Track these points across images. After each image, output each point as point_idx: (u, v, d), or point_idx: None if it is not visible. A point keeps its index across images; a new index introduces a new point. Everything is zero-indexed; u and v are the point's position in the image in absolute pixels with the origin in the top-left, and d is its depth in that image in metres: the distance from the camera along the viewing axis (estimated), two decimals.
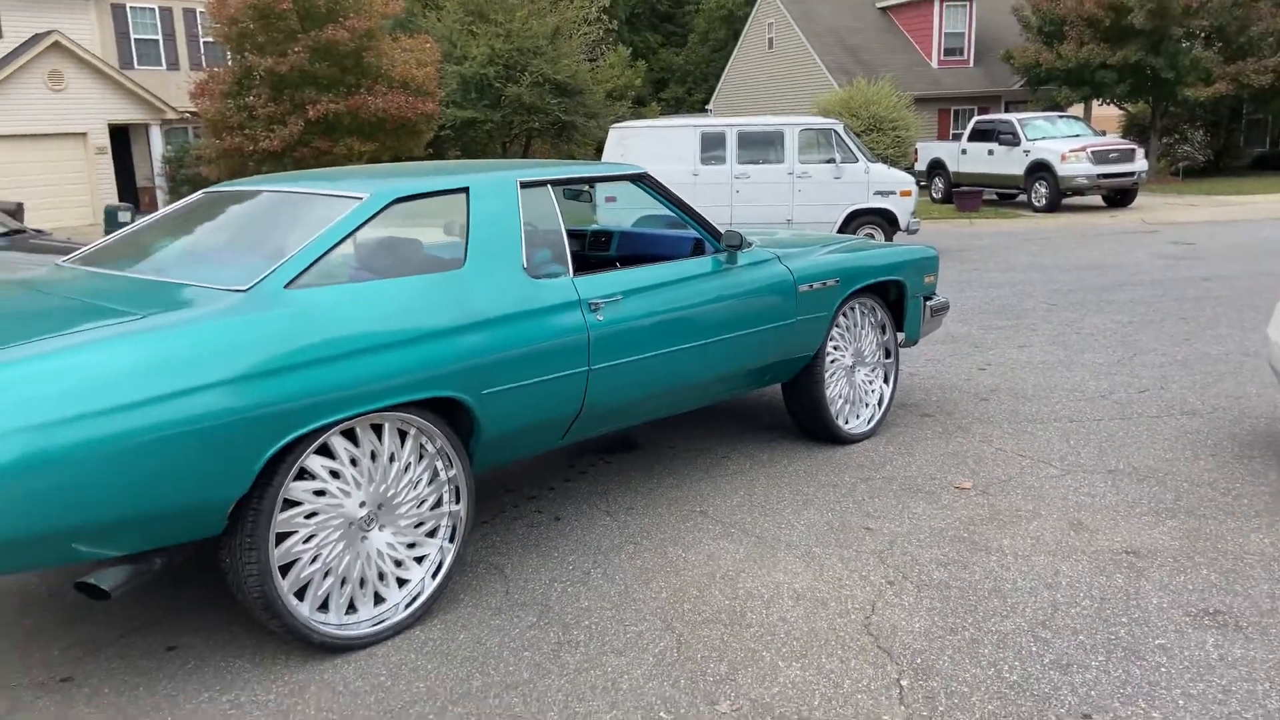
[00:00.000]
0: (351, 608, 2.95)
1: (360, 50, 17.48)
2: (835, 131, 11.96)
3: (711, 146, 11.94)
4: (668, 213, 4.18)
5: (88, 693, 2.74)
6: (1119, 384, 5.84)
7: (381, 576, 3.01)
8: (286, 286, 2.79)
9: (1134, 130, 25.05)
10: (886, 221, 12.17)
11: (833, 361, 4.69)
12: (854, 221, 12.11)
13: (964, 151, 20.34)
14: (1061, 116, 20.12)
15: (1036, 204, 18.36)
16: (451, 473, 3.14)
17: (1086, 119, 22.90)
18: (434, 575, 3.13)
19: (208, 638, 3.02)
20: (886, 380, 5.06)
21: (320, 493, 2.81)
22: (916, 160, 21.84)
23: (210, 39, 20.42)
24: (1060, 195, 17.93)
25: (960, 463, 4.52)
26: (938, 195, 21.22)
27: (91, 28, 21.84)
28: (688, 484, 4.30)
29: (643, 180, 3.96)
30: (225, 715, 2.62)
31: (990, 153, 19.47)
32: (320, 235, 2.94)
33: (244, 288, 2.76)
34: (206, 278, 2.89)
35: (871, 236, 12.23)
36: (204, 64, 22.05)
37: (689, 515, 3.95)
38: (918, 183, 22.39)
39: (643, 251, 4.62)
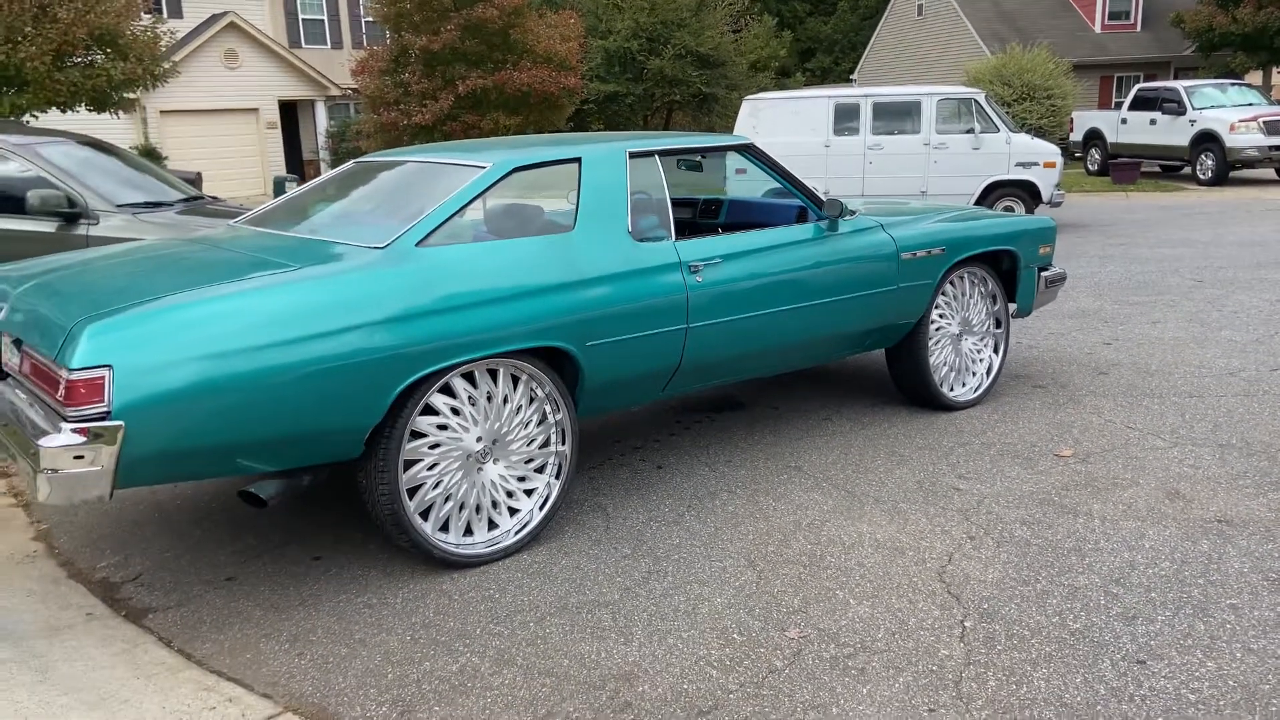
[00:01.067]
0: (468, 531, 3.33)
1: (508, 28, 18.11)
2: (976, 101, 11.72)
3: (845, 117, 11.90)
4: (781, 185, 4.37)
5: (248, 590, 3.22)
6: (1251, 362, 5.68)
7: (495, 505, 3.38)
8: (418, 245, 3.16)
9: None
10: (1028, 194, 11.85)
11: (937, 329, 4.79)
12: (994, 193, 11.85)
13: (1124, 121, 19.39)
14: (1233, 84, 18.90)
15: (1201, 177, 17.36)
16: (558, 416, 3.47)
17: (1265, 87, 21.39)
18: (541, 507, 3.48)
19: (346, 552, 3.47)
20: (996, 350, 5.12)
21: (443, 427, 3.19)
22: (1072, 130, 20.97)
23: (371, 19, 21.52)
24: (1228, 168, 16.90)
25: (1064, 432, 4.56)
26: (1093, 167, 20.32)
27: (263, 8, 23.37)
28: (785, 441, 4.52)
29: (748, 150, 4.18)
30: (359, 612, 3.04)
31: (1153, 122, 18.50)
32: (448, 200, 3.31)
33: (382, 245, 3.15)
34: (352, 236, 3.30)
35: (1011, 209, 11.96)
36: (365, 43, 23.27)
37: (784, 470, 4.17)
38: (1073, 154, 21.56)
39: (750, 219, 4.83)
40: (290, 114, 24.18)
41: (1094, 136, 20.25)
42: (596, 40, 30.29)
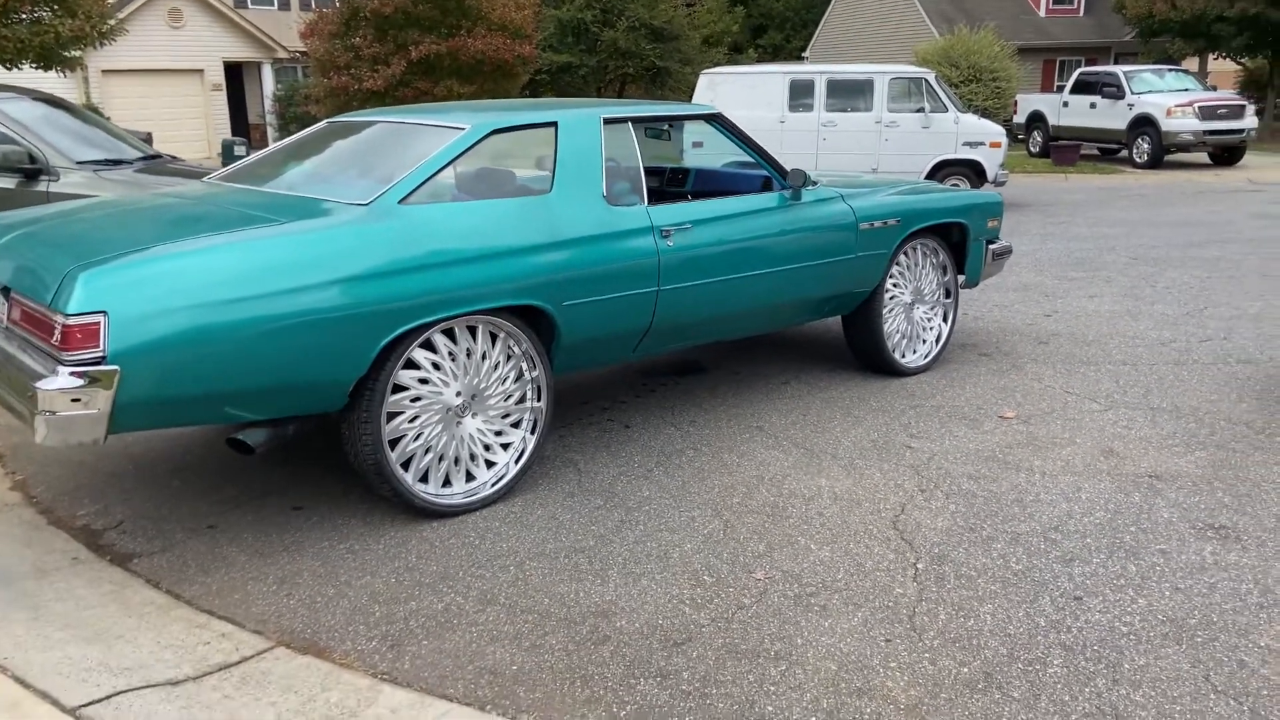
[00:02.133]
0: (447, 482, 3.45)
1: None
2: (926, 80, 11.97)
3: (800, 94, 12.08)
4: (745, 156, 4.52)
5: (231, 536, 3.31)
6: (1182, 334, 6.00)
7: (473, 458, 3.50)
8: (400, 202, 3.26)
9: (1251, 87, 24.02)
10: (974, 173, 12.17)
11: (891, 298, 5.00)
12: (941, 172, 12.14)
13: (1065, 104, 19.89)
14: (1170, 70, 19.49)
15: (1138, 160, 17.93)
16: (534, 373, 3.60)
17: (1200, 74, 22.06)
18: (517, 461, 3.61)
19: (326, 502, 3.57)
20: (945, 319, 5.35)
21: (424, 381, 3.30)
22: (1015, 112, 21.43)
23: None
24: (1164, 151, 17.48)
25: (1008, 396, 4.81)
26: (1035, 149, 20.81)
27: None
28: (747, 404, 4.70)
29: (716, 120, 4.32)
30: (343, 557, 3.16)
31: (1093, 106, 19.02)
32: (428, 159, 3.40)
33: (365, 202, 3.24)
34: (334, 194, 3.38)
35: (957, 187, 12.26)
36: (314, 5, 22.84)
37: (746, 429, 4.35)
38: (1015, 135, 22.03)
39: (715, 188, 4.98)
40: (236, 76, 23.71)
41: (1036, 119, 20.74)
42: (550, 9, 30.07)
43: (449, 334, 3.34)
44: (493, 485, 3.55)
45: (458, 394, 3.40)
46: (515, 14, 18.56)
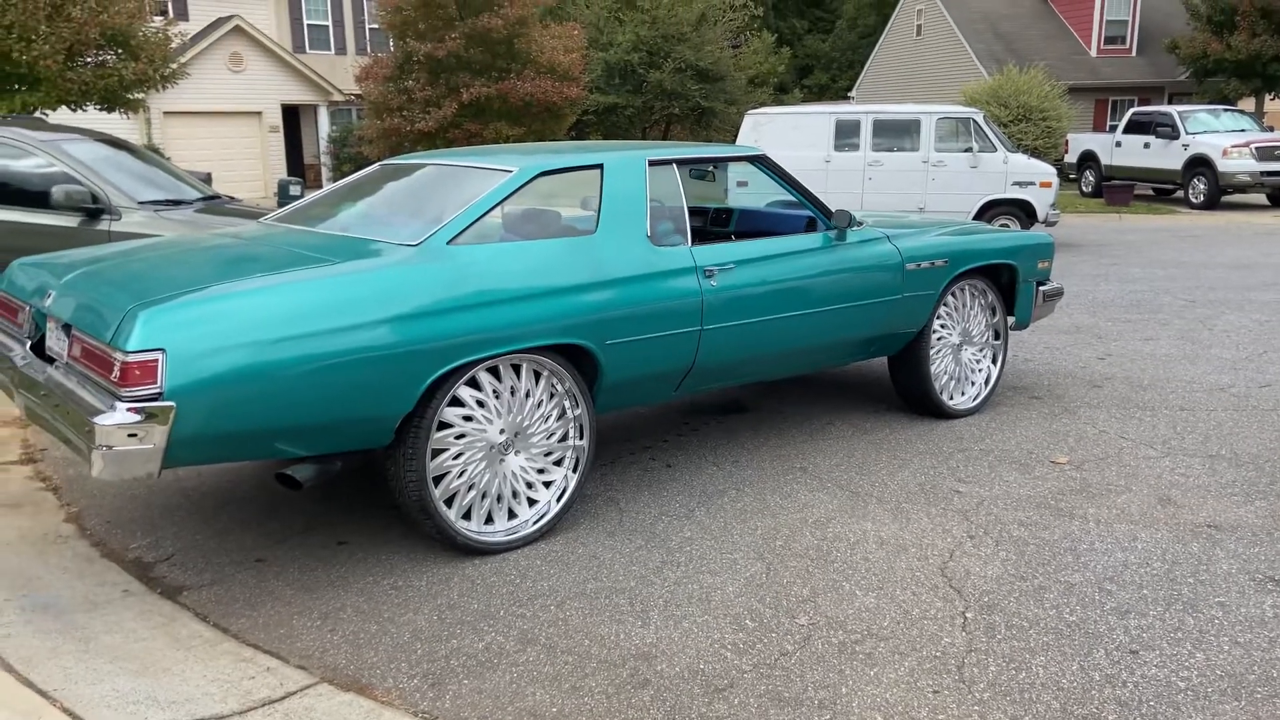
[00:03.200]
0: (489, 519, 3.46)
1: (512, 37, 18.30)
2: (974, 120, 11.93)
3: (846, 134, 12.10)
4: (789, 196, 4.52)
5: (277, 570, 3.34)
6: (1240, 378, 5.85)
7: (515, 495, 3.51)
8: (449, 243, 3.31)
9: None
10: (1024, 213, 12.06)
11: (939, 339, 4.95)
12: (990, 211, 12.06)
13: (1118, 144, 19.69)
14: (1226, 110, 19.21)
15: (1194, 200, 17.64)
16: (577, 411, 3.61)
17: (1257, 114, 21.71)
18: (559, 499, 3.61)
19: (370, 537, 3.59)
20: (995, 360, 5.27)
21: (468, 418, 3.33)
22: (1067, 152, 21.25)
23: (376, 25, 21.69)
24: (1220, 192, 17.18)
25: (1060, 441, 4.71)
26: (1088, 188, 20.59)
27: (269, 13, 23.53)
28: (791, 444, 4.66)
29: (761, 161, 4.33)
30: (386, 593, 3.17)
31: (1146, 146, 18.79)
32: (477, 201, 3.45)
33: (415, 243, 3.29)
34: (385, 234, 3.44)
35: (1006, 227, 12.15)
36: (369, 49, 23.45)
37: (789, 470, 4.31)
38: (1067, 175, 21.83)
39: (759, 228, 4.99)
40: (293, 118, 24.32)
41: (1088, 158, 20.54)
42: (598, 52, 30.53)
43: (493, 372, 3.37)
44: (534, 523, 3.55)
45: (501, 431, 3.41)
46: (564, 57, 18.88)
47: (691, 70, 32.08)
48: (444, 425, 3.28)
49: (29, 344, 3.35)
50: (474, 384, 3.32)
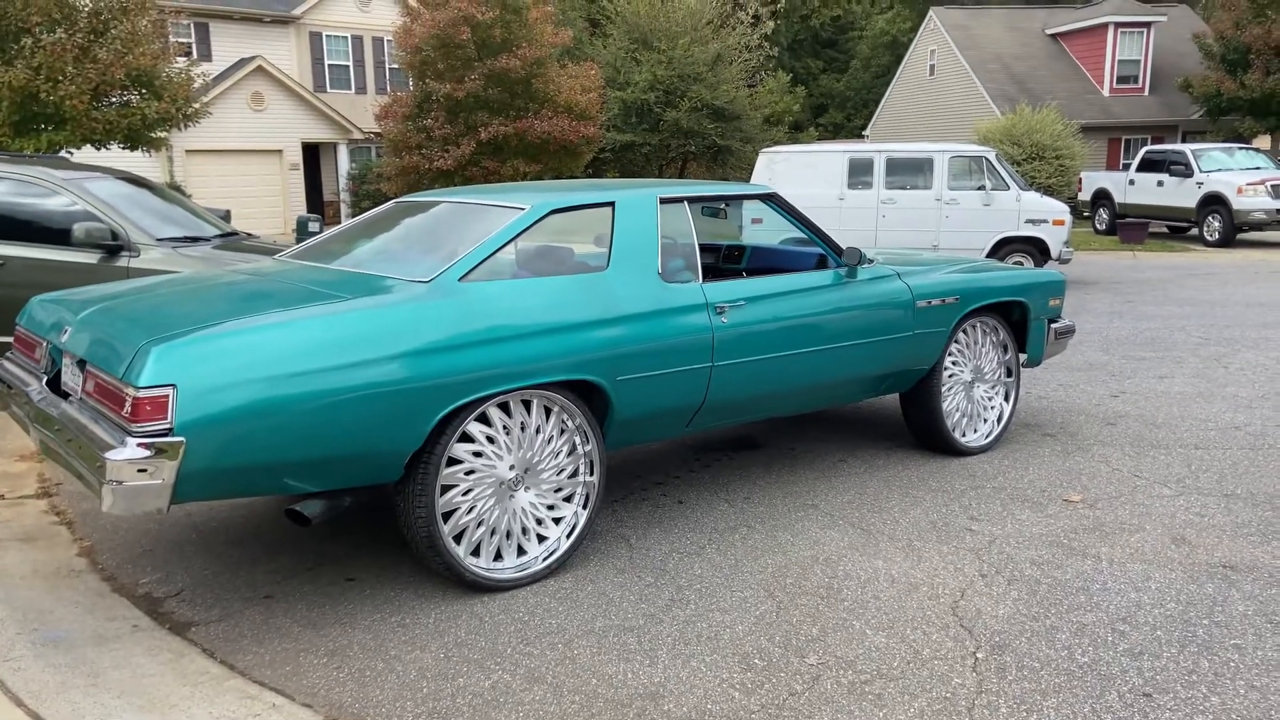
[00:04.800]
0: (498, 556, 3.46)
1: (530, 77, 18.55)
2: (986, 159, 11.98)
3: (859, 172, 12.17)
4: (802, 234, 4.55)
5: (285, 607, 3.35)
6: (1257, 417, 5.80)
7: (524, 531, 3.51)
8: (461, 280, 3.34)
9: None
10: (1037, 250, 12.07)
11: (950, 376, 4.94)
12: (1003, 249, 12.06)
13: (1131, 182, 19.69)
14: (1240, 148, 19.20)
15: (1208, 238, 17.59)
16: (587, 447, 3.62)
17: (1272, 152, 21.71)
18: (569, 535, 3.61)
19: (378, 574, 3.60)
20: (1007, 398, 5.25)
21: (478, 454, 3.34)
22: (1080, 190, 21.27)
23: (395, 65, 22.03)
24: (1235, 230, 17.14)
25: (1073, 479, 4.68)
26: (1101, 226, 20.58)
27: (290, 53, 23.96)
28: (803, 481, 4.64)
29: (771, 199, 4.37)
30: (393, 631, 3.16)
31: (1160, 184, 18.79)
32: (489, 239, 3.49)
33: (427, 279, 3.32)
34: (397, 271, 3.48)
35: (1020, 265, 12.16)
36: (388, 89, 23.79)
37: (801, 507, 4.29)
38: (1081, 213, 21.82)
39: (771, 265, 5.01)
40: (313, 155, 24.65)
41: (1102, 196, 20.54)
42: (615, 91, 30.87)
43: (504, 407, 3.38)
44: (544, 560, 3.54)
45: (511, 467, 3.42)
46: (580, 97, 19.11)
47: (707, 109, 32.37)
48: (454, 461, 3.29)
49: (45, 379, 3.39)
50: (484, 420, 3.34)
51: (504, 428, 3.39)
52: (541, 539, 3.57)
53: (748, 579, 3.55)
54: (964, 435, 5.06)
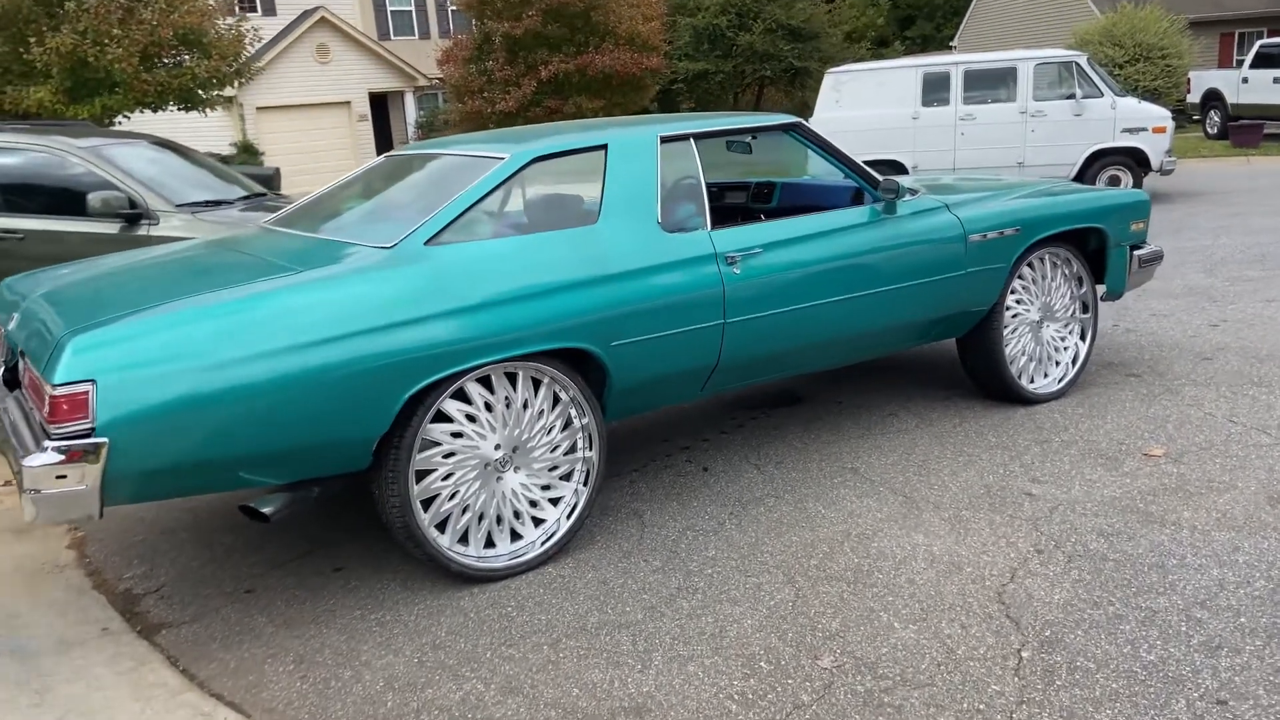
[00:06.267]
0: (489, 543, 3.17)
1: (589, 9, 17.94)
2: (1077, 63, 11.00)
3: (935, 88, 11.33)
4: (835, 167, 4.06)
5: (264, 603, 3.13)
6: None
7: (518, 515, 3.21)
8: (427, 243, 3.00)
9: None
10: (1135, 162, 11.12)
11: (1014, 316, 4.41)
12: (1098, 162, 11.15)
13: (1245, 80, 18.10)
14: None
15: None
16: (584, 420, 3.27)
17: None
18: (568, 516, 3.29)
19: (369, 563, 3.35)
20: (1083, 337, 4.69)
21: (457, 435, 3.03)
22: (1189, 92, 19.72)
23: (456, 7, 21.62)
24: None
25: (1158, 428, 4.14)
26: (1213, 130, 19.04)
27: (352, 2, 23.74)
28: (844, 440, 4.22)
29: (796, 129, 3.88)
30: (371, 630, 2.91)
31: (1277, 80, 17.20)
32: (461, 195, 3.13)
33: (389, 245, 2.99)
34: (364, 236, 3.16)
35: (1117, 179, 11.24)
36: (451, 32, 23.43)
37: (839, 471, 3.88)
38: (1190, 117, 20.24)
39: (805, 202, 4.53)
40: (380, 106, 24.57)
41: (1213, 98, 18.97)
42: (685, 18, 29.92)
43: (485, 382, 3.06)
44: (542, 544, 3.24)
45: (496, 447, 3.10)
46: (642, 26, 18.43)
47: (783, 30, 31.17)
48: (431, 444, 2.99)
49: (5, 369, 3.21)
50: (463, 396, 3.02)
51: (486, 405, 3.06)
52: (538, 522, 3.26)
53: (766, 561, 3.19)
54: (1032, 381, 4.54)
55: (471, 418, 3.05)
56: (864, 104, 11.48)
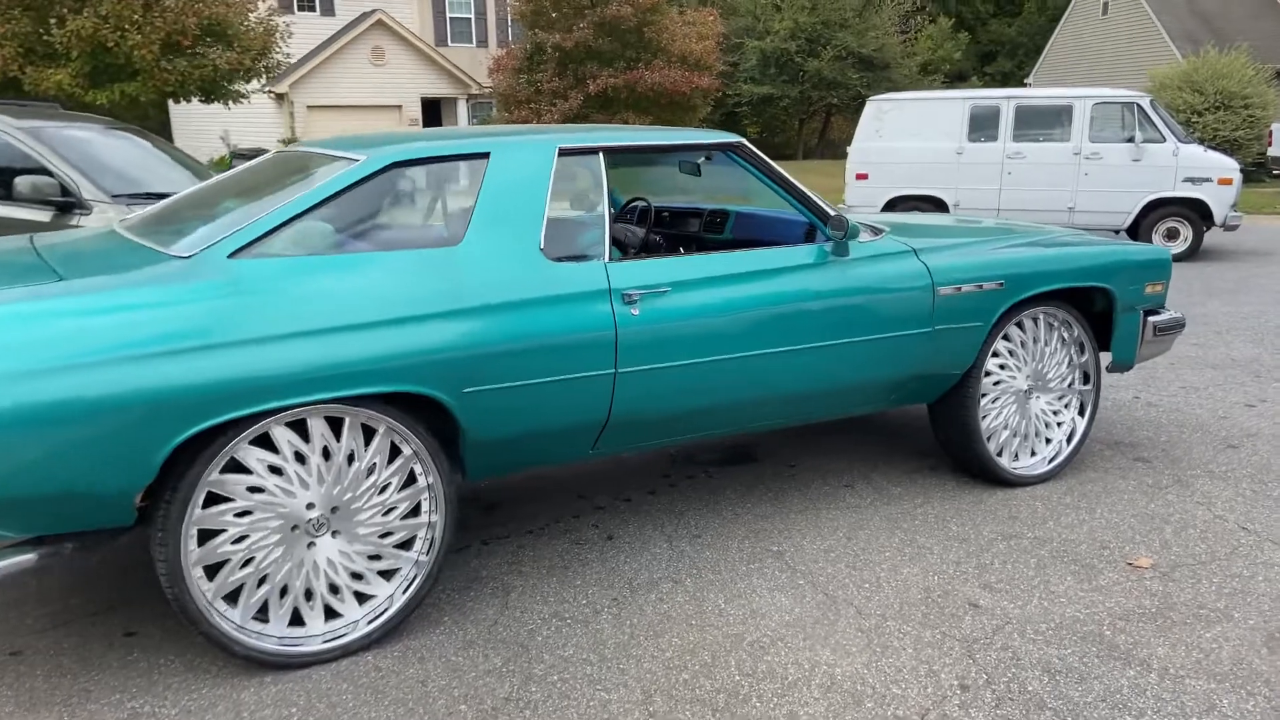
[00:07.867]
0: (297, 620, 2.64)
1: (642, 25, 17.53)
2: (1139, 105, 10.23)
3: (983, 123, 10.65)
4: (783, 196, 3.47)
5: (23, 673, 2.63)
6: None
7: (335, 590, 2.68)
8: (231, 255, 2.50)
9: None
10: (1197, 214, 10.30)
11: (996, 384, 3.78)
12: (1155, 212, 10.37)
13: None
14: None
15: None
16: (430, 480, 2.74)
17: None
18: (404, 591, 2.75)
19: (167, 627, 2.84)
20: (1082, 411, 4.03)
21: (257, 489, 2.51)
22: (1271, 144, 18.62)
23: (513, 17, 21.42)
24: None
25: (1154, 530, 3.47)
26: None
27: (411, 6, 23.68)
28: (782, 514, 3.62)
29: (734, 150, 3.31)
30: None
31: None
32: (291, 201, 2.64)
33: (188, 254, 2.51)
34: (173, 243, 2.66)
35: (1175, 232, 10.42)
36: (510, 42, 23.23)
37: (760, 555, 3.29)
38: (1271, 170, 19.11)
39: (759, 235, 3.95)
40: (434, 111, 24.45)
41: None
42: (753, 41, 29.45)
43: (298, 427, 2.54)
44: (368, 623, 2.70)
45: (310, 505, 2.58)
46: (696, 45, 17.96)
47: (853, 58, 30.56)
48: (219, 499, 2.48)
49: None
50: (267, 443, 2.51)
51: (297, 455, 2.55)
52: (363, 598, 2.72)
53: (628, 669, 2.61)
54: (1015, 459, 3.89)
55: (277, 470, 2.53)
56: (906, 136, 10.84)
